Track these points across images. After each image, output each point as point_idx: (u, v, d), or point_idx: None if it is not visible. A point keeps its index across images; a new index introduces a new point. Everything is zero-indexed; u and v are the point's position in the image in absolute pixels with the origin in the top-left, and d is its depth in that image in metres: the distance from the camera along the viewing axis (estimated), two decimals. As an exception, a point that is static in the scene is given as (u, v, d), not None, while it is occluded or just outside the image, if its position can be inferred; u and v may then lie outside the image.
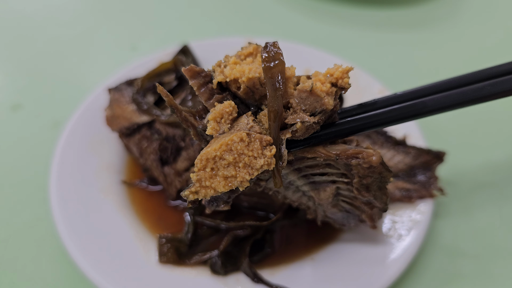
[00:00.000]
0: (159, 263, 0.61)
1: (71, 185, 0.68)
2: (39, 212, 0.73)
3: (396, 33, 1.16)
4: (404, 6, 1.25)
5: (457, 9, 1.25)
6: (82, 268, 0.58)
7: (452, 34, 1.16)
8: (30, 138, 0.86)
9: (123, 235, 0.64)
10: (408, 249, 0.61)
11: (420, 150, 0.71)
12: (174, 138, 0.66)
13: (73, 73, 1.01)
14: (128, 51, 1.08)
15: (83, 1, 1.25)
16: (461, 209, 0.75)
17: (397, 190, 0.68)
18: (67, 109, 0.88)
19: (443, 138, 0.87)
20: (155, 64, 0.82)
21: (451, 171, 0.79)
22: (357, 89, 0.86)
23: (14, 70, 1.02)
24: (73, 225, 0.63)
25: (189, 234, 0.64)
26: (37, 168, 0.79)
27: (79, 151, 0.73)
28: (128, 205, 0.69)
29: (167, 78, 0.74)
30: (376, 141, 0.73)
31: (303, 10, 1.23)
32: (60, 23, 1.16)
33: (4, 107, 0.92)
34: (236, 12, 1.22)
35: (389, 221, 0.65)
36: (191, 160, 0.65)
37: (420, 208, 0.66)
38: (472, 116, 0.93)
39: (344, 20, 1.20)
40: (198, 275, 0.60)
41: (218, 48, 0.93)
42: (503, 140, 0.88)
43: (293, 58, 0.92)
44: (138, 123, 0.70)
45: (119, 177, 0.73)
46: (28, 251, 0.68)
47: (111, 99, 0.74)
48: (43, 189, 0.76)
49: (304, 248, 0.65)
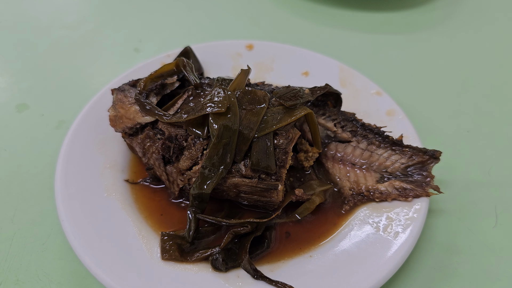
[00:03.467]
0: (161, 260, 0.62)
1: (76, 184, 0.69)
2: (44, 209, 0.74)
3: (393, 35, 1.18)
4: (401, 8, 1.26)
5: (453, 11, 1.27)
6: (86, 264, 0.59)
7: (449, 36, 1.18)
8: (35, 138, 0.87)
9: (126, 233, 0.66)
10: (404, 246, 0.62)
11: (416, 149, 0.72)
12: (177, 138, 0.68)
13: (77, 74, 1.03)
14: (131, 53, 1.10)
15: (87, 4, 1.27)
16: (456, 208, 0.76)
17: (394, 189, 0.70)
18: (72, 109, 0.90)
19: (439, 138, 0.89)
20: (158, 65, 0.83)
21: (447, 170, 0.81)
22: (354, 91, 0.88)
23: (19, 71, 1.04)
24: (78, 222, 0.64)
25: (191, 232, 0.65)
26: (42, 167, 0.81)
27: (84, 150, 0.75)
28: (131, 203, 0.71)
29: (170, 79, 0.76)
30: (373, 141, 0.75)
31: (301, 13, 1.25)
32: (64, 25, 1.17)
33: (10, 107, 0.94)
34: (236, 16, 1.24)
35: (386, 219, 0.67)
36: (193, 159, 0.66)
37: (416, 206, 0.67)
38: (467, 117, 0.95)
39: (342, 23, 1.22)
40: (200, 271, 0.61)
41: (219, 51, 0.95)
42: (498, 139, 0.90)
43: (291, 61, 0.95)
44: (141, 123, 0.71)
45: (122, 176, 0.75)
46: (33, 248, 0.69)
47: (114, 99, 0.75)
48: (49, 188, 0.77)
49: (303, 245, 0.66)
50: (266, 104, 0.67)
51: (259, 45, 0.97)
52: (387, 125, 0.79)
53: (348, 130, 0.76)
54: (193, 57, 0.92)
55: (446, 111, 0.96)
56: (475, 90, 1.02)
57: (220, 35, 1.16)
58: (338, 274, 0.60)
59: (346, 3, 1.26)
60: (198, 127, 0.66)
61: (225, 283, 0.60)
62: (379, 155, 0.73)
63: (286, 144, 0.65)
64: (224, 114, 0.64)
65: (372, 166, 0.74)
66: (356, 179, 0.73)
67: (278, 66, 0.95)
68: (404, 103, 0.90)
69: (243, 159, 0.64)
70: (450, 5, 1.29)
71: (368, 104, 0.85)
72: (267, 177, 0.64)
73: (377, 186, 0.71)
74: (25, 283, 0.65)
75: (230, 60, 0.95)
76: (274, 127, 0.64)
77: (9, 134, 0.88)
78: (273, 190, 0.65)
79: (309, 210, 0.70)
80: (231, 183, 0.65)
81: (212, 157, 0.63)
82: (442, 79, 1.03)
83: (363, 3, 1.26)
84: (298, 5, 1.27)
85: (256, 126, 0.64)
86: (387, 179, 0.72)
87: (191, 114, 0.66)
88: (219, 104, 0.64)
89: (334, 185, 0.74)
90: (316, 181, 0.74)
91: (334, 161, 0.75)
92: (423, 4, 1.28)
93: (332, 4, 1.26)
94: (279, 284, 0.59)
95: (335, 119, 0.77)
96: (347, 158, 0.75)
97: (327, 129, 0.76)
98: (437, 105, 0.97)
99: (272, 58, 0.96)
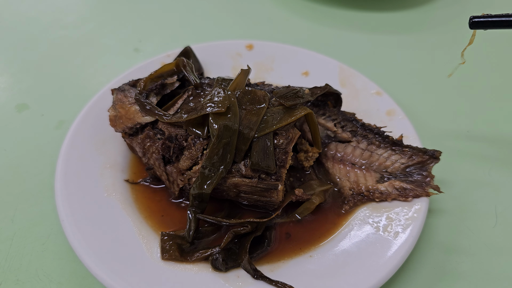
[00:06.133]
0: (161, 260, 0.62)
1: (76, 184, 0.69)
2: (44, 209, 0.74)
3: (393, 35, 1.18)
4: (401, 8, 1.26)
5: (453, 11, 1.27)
6: (86, 264, 0.59)
7: (449, 36, 1.18)
8: (35, 138, 0.87)
9: (126, 233, 0.66)
10: (404, 246, 0.62)
11: (416, 149, 0.72)
12: (177, 138, 0.68)
13: (77, 74, 1.03)
14: (131, 53, 1.10)
15: (87, 4, 1.27)
16: (456, 208, 0.76)
17: (394, 189, 0.70)
18: (72, 109, 0.90)
19: (439, 138, 0.89)
20: (158, 65, 0.83)
21: (447, 170, 0.81)
22: (354, 91, 0.88)
23: (19, 71, 1.04)
24: (78, 222, 0.64)
25: (191, 232, 0.65)
26: (42, 167, 0.81)
27: (84, 150, 0.75)
28: (131, 203, 0.71)
29: (170, 79, 0.76)
30: (373, 141, 0.75)
31: (301, 13, 1.25)
32: (64, 25, 1.17)
33: (10, 107, 0.94)
34: (236, 16, 1.24)
35: (386, 219, 0.67)
36: (193, 159, 0.66)
37: (416, 206, 0.67)
38: (467, 117, 0.95)
39: (342, 23, 1.22)
40: (200, 271, 0.61)
41: (219, 51, 0.96)
42: (498, 139, 0.90)
43: (291, 61, 0.95)
44: (141, 123, 0.71)
45: (122, 176, 0.75)
46: (33, 248, 0.69)
47: (114, 99, 0.75)
48: (48, 188, 0.77)
49: (303, 245, 0.66)
50: (266, 104, 0.67)
51: (259, 45, 0.97)
52: (387, 125, 0.79)
53: (348, 130, 0.76)
54: (193, 57, 0.92)
55: (446, 111, 0.96)
56: (475, 90, 1.02)
57: (220, 35, 1.16)
58: (338, 274, 0.60)
59: (346, 3, 1.26)
60: (198, 127, 0.66)
61: (225, 283, 0.60)
62: (379, 155, 0.73)
63: (286, 144, 0.65)
64: (224, 114, 0.64)
65: (372, 166, 0.74)
66: (356, 179, 0.73)
67: (278, 66, 0.95)
68: (404, 103, 0.90)
69: (243, 159, 0.64)
70: (450, 5, 1.29)
71: (368, 104, 0.85)
72: (267, 177, 0.64)
73: (377, 186, 0.71)
74: (25, 283, 0.65)
75: (230, 60, 0.95)
76: (274, 127, 0.64)
77: (9, 134, 0.88)
78: (273, 190, 0.65)
79: (309, 210, 0.70)
80: (231, 183, 0.65)
81: (212, 157, 0.63)
82: (442, 79, 1.03)
83: (363, 3, 1.26)
84: (298, 5, 1.27)
85: (256, 126, 0.64)
86: (387, 179, 0.72)
87: (191, 114, 0.66)
88: (219, 104, 0.64)
89: (334, 185, 0.74)
90: (316, 181, 0.74)
91: (334, 161, 0.75)
92: (423, 4, 1.28)
93: (332, 4, 1.26)
94: (279, 284, 0.59)
95: (335, 119, 0.77)
96: (347, 158, 0.75)
97: (327, 129, 0.76)
98: (437, 105, 0.97)
99: (272, 58, 0.96)
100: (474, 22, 0.63)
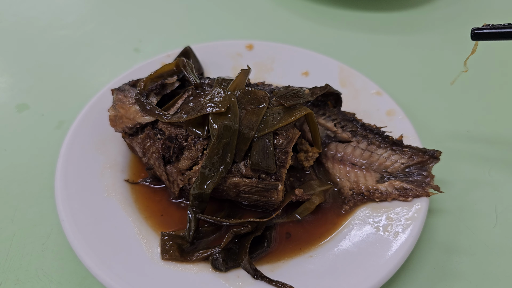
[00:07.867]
0: (161, 260, 0.62)
1: (76, 184, 0.69)
2: (44, 209, 0.74)
3: (393, 35, 1.18)
4: (401, 8, 1.26)
5: (453, 11, 1.27)
6: (86, 264, 0.59)
7: (449, 36, 1.18)
8: (35, 138, 0.87)
9: (126, 233, 0.66)
10: (404, 246, 0.62)
11: (416, 149, 0.72)
12: (177, 138, 0.68)
13: (77, 74, 1.03)
14: (131, 53, 1.10)
15: (87, 4, 1.27)
16: (456, 208, 0.76)
17: (394, 189, 0.70)
18: (72, 109, 0.90)
19: (439, 138, 0.89)
20: (158, 65, 0.83)
21: (447, 170, 0.81)
22: (354, 91, 0.88)
23: (19, 71, 1.04)
24: (78, 222, 0.64)
25: (191, 232, 0.65)
26: (42, 167, 0.81)
27: (84, 150, 0.75)
28: (131, 203, 0.71)
29: (170, 79, 0.76)
30: (373, 141, 0.75)
31: (301, 13, 1.25)
32: (64, 25, 1.17)
33: (10, 107, 0.94)
34: (236, 16, 1.24)
35: (386, 219, 0.67)
36: (193, 159, 0.66)
37: (416, 206, 0.67)
38: (467, 117, 0.95)
39: (342, 23, 1.22)
40: (200, 271, 0.61)
41: (219, 51, 0.96)
42: (498, 139, 0.90)
43: (291, 61, 0.95)
44: (141, 123, 0.71)
45: (122, 176, 0.75)
46: (33, 248, 0.69)
47: (114, 99, 0.75)
48: (48, 188, 0.77)
49: (303, 245, 0.66)
50: (266, 104, 0.67)
51: (259, 45, 0.97)
52: (387, 125, 0.79)
53: (348, 130, 0.76)
54: (193, 57, 0.92)
55: (446, 111, 0.96)
56: (475, 90, 1.02)
57: (220, 35, 1.16)
58: (338, 274, 0.60)
59: (346, 3, 1.27)
60: (198, 127, 0.66)
61: (225, 283, 0.60)
62: (379, 155, 0.73)
63: (286, 144, 0.65)
64: (224, 114, 0.64)
65: (372, 166, 0.74)
66: (356, 179, 0.73)
67: (278, 66, 0.95)
68: (404, 103, 0.90)
69: (243, 159, 0.64)
70: (450, 5, 1.29)
71: (368, 104, 0.85)
72: (267, 177, 0.64)
73: (377, 186, 0.71)
74: (25, 283, 0.65)
75: (230, 60, 0.95)
76: (274, 127, 0.64)
77: (9, 134, 0.88)
78: (273, 190, 0.65)
79: (309, 210, 0.70)
80: (231, 183, 0.65)
81: (212, 157, 0.63)
82: (442, 79, 1.03)
83: (363, 3, 1.26)
84: (298, 5, 1.27)
85: (256, 126, 0.64)
86: (387, 179, 0.72)
87: (191, 114, 0.66)
88: (219, 104, 0.64)
89: (334, 185, 0.74)
90: (316, 181, 0.74)
91: (334, 161, 0.75)
92: (423, 4, 1.28)
93: (332, 4, 1.27)
94: (279, 284, 0.59)
95: (335, 119, 0.77)
96: (347, 158, 0.75)
97: (327, 129, 0.76)
98: (437, 105, 0.97)
99: (272, 58, 0.96)
100: (476, 34, 0.64)
